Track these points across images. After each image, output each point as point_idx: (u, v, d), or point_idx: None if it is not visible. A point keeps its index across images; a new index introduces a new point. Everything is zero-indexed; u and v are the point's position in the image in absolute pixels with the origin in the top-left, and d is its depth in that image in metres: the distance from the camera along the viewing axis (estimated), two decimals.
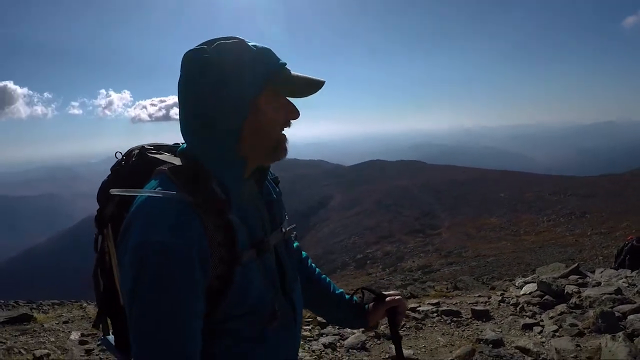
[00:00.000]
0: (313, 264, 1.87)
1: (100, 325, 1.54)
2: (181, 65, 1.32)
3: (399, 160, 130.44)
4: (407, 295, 12.37)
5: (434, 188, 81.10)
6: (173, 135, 1.37)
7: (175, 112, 1.39)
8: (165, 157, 1.40)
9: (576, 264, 9.19)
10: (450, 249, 48.71)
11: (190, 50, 1.31)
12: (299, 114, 1.38)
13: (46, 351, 5.71)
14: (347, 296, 1.86)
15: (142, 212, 1.18)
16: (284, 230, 1.51)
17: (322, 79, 1.36)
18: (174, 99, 1.35)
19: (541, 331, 5.90)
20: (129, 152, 1.48)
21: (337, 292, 1.85)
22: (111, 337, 1.51)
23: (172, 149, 1.48)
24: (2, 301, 11.62)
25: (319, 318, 6.55)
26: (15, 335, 6.61)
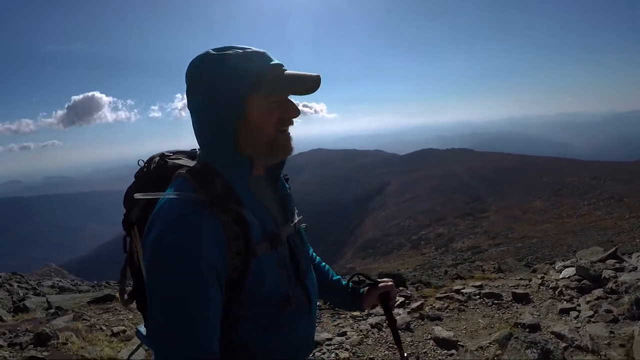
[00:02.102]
0: (314, 254, 1.83)
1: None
2: (185, 74, 1.31)
3: (450, 148, 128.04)
4: (453, 277, 12.13)
5: (482, 174, 79.17)
6: None
7: None
8: (184, 161, 1.39)
9: (614, 248, 8.63)
10: (498, 230, 47.45)
11: (192, 60, 1.29)
12: (298, 112, 1.31)
13: (123, 327, 5.89)
14: (343, 282, 1.83)
15: (161, 213, 1.18)
16: (295, 222, 1.48)
17: (314, 74, 1.26)
18: None
19: (577, 316, 5.57)
20: (150, 159, 1.47)
21: (334, 278, 1.83)
22: (143, 330, 1.50)
23: (191, 154, 1.48)
24: (95, 282, 12.18)
25: None
26: (99, 314, 6.89)
